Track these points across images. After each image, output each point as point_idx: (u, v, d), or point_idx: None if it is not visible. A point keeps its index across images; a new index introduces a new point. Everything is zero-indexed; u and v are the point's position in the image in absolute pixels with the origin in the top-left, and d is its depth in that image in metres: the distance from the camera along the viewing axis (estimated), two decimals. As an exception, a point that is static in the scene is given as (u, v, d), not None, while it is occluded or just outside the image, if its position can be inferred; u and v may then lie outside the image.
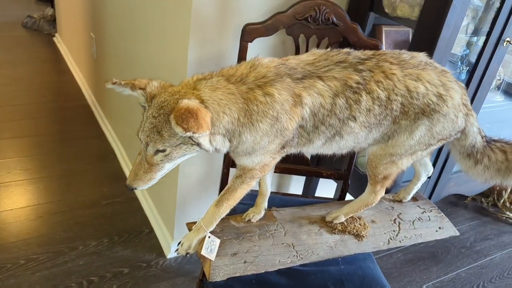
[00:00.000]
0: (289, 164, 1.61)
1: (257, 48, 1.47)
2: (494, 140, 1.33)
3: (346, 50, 1.16)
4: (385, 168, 1.27)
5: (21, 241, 1.97)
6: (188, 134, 0.91)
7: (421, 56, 1.19)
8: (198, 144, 1.00)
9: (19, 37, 4.23)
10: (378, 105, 1.12)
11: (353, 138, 1.16)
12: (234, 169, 1.56)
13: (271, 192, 1.59)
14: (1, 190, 2.24)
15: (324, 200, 1.64)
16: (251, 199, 1.41)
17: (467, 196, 2.78)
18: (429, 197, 1.91)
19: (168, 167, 1.04)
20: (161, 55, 1.82)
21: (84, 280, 1.82)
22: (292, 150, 1.19)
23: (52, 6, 4.42)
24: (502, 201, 2.74)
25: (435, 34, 1.39)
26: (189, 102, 0.94)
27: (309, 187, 2.06)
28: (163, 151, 1.00)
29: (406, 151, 1.22)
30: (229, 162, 1.57)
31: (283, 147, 1.13)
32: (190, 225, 1.38)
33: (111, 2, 2.43)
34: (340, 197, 1.65)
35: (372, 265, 1.37)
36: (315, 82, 1.08)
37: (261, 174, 1.19)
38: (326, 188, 2.15)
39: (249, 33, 1.40)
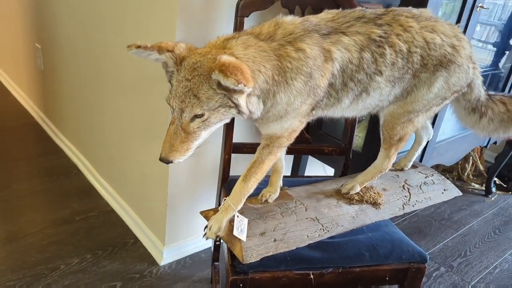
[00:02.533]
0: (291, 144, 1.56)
1: (253, 24, 1.42)
2: (493, 94, 1.38)
3: (358, 7, 1.15)
4: (402, 127, 1.26)
5: (-9, 270, 1.73)
6: (240, 87, 0.84)
7: (428, 11, 1.21)
8: (237, 106, 0.92)
9: None
10: (401, 58, 1.11)
11: (378, 95, 1.15)
12: (236, 154, 1.50)
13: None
14: (-46, 219, 1.98)
15: (327, 177, 1.61)
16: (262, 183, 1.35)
17: (433, 174, 2.89)
18: (417, 169, 1.95)
19: (204, 135, 0.96)
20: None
21: (73, 301, 1.64)
22: (320, 113, 1.14)
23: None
24: (466, 174, 2.88)
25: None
26: (230, 58, 0.87)
27: (298, 168, 2.02)
28: (201, 115, 0.92)
29: (424, 107, 1.22)
30: (230, 147, 1.49)
31: (312, 109, 1.09)
32: (206, 213, 1.29)
33: (61, 4, 2.27)
34: (342, 173, 1.62)
35: (395, 230, 1.36)
36: (341, 37, 1.05)
37: (288, 142, 1.14)
38: (315, 168, 2.13)
39: (245, 7, 1.34)
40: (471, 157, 2.85)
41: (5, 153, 2.56)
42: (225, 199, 1.16)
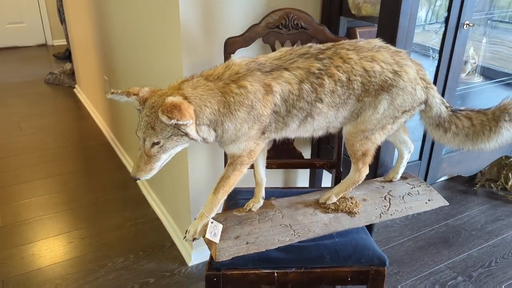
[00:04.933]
0: (284, 159, 1.77)
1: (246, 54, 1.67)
2: (460, 110, 1.47)
3: (308, 44, 1.35)
4: (361, 144, 1.42)
5: (56, 264, 2.16)
6: (173, 121, 1.10)
7: (376, 41, 1.36)
8: (187, 134, 1.18)
9: (42, 93, 4.59)
10: (340, 86, 1.28)
11: (324, 118, 1.33)
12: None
13: (273, 187, 1.76)
14: (35, 224, 2.46)
15: (316, 189, 1.78)
16: (252, 194, 1.58)
17: (476, 183, 2.86)
18: (424, 181, 2.02)
19: (164, 157, 1.23)
20: (163, 74, 2.04)
21: (114, 292, 1.99)
22: (273, 136, 1.36)
23: (70, 61, 4.79)
24: (510, 183, 2.80)
25: (394, 25, 1.56)
26: (173, 98, 1.13)
27: (314, 180, 2.20)
28: (158, 143, 1.19)
29: (376, 126, 1.37)
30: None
31: (263, 133, 1.30)
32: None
33: (118, 43, 2.70)
34: (335, 185, 1.78)
35: (365, 236, 1.50)
36: (282, 73, 1.26)
37: (250, 160, 1.36)
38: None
39: (230, 45, 1.60)
40: (514, 166, 2.77)
41: (82, 170, 3.07)
42: (201, 208, 1.41)
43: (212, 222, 1.40)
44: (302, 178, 2.31)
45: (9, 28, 6.05)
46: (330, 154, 2.06)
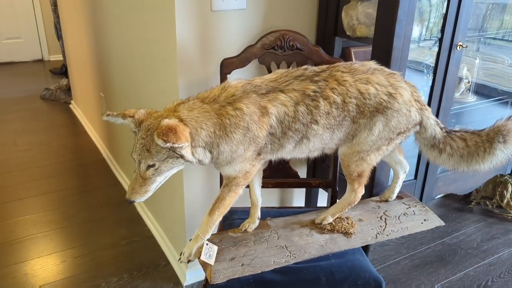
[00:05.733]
0: (280, 179, 1.77)
1: (236, 77, 1.68)
2: (455, 131, 1.48)
3: (304, 66, 1.36)
4: (357, 165, 1.42)
5: (49, 284, 2.13)
6: (168, 145, 1.10)
7: (371, 64, 1.38)
8: (182, 156, 1.18)
9: (38, 108, 4.59)
10: (336, 108, 1.29)
11: (319, 140, 1.33)
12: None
13: (269, 207, 1.75)
14: (28, 242, 2.44)
15: (312, 209, 1.78)
16: (247, 214, 1.58)
17: (472, 201, 2.86)
18: (420, 199, 2.02)
19: (159, 180, 1.22)
20: (159, 93, 2.05)
21: (107, 313, 1.96)
22: (269, 157, 1.36)
23: (67, 76, 4.80)
24: (505, 201, 2.80)
25: (389, 46, 1.58)
26: (169, 121, 1.14)
27: (310, 199, 2.19)
28: (153, 165, 1.18)
29: (371, 147, 1.38)
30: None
31: (259, 154, 1.30)
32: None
33: (114, 61, 2.71)
34: (331, 205, 1.78)
35: (361, 257, 1.49)
36: (278, 95, 1.27)
37: (245, 182, 1.36)
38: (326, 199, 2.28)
39: (226, 66, 1.61)
40: (509, 184, 2.78)
41: (77, 187, 3.05)
42: (196, 229, 1.40)
43: (207, 244, 1.39)
44: (298, 197, 2.30)
45: (6, 43, 6.07)
46: (326, 173, 2.06)
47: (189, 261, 1.38)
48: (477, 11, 2.15)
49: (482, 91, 2.26)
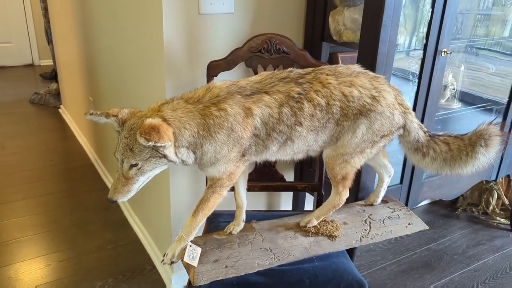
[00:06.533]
0: (266, 182, 1.78)
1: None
2: (438, 135, 1.50)
3: (289, 69, 1.37)
4: (341, 168, 1.43)
5: (32, 288, 2.11)
6: (150, 143, 1.10)
7: (355, 67, 1.39)
8: (165, 156, 1.18)
9: (27, 112, 4.56)
10: (320, 110, 1.30)
11: (303, 141, 1.34)
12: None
13: (255, 210, 1.75)
14: (13, 246, 2.41)
15: (302, 212, 1.78)
16: (233, 217, 1.58)
17: (458, 208, 2.88)
18: (406, 204, 2.03)
19: (142, 179, 1.22)
20: (147, 95, 2.04)
21: (91, 317, 1.94)
22: (253, 158, 1.36)
23: (56, 81, 4.78)
24: (491, 208, 2.83)
25: (374, 50, 1.59)
26: (152, 120, 1.14)
27: (297, 203, 2.20)
28: (136, 165, 1.18)
29: (355, 150, 1.38)
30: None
31: (243, 155, 1.31)
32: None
33: (103, 65, 2.71)
34: (316, 208, 1.78)
35: (345, 260, 1.49)
36: (262, 97, 1.27)
37: (230, 183, 1.36)
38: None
39: (213, 69, 1.62)
40: (495, 191, 2.80)
41: (64, 191, 3.03)
42: (180, 231, 1.40)
43: (190, 246, 1.38)
44: (285, 201, 2.31)
45: (-4, 47, 6.05)
46: (312, 177, 2.07)
47: (172, 262, 1.37)
48: (465, 21, 2.18)
49: (467, 98, 2.29)
